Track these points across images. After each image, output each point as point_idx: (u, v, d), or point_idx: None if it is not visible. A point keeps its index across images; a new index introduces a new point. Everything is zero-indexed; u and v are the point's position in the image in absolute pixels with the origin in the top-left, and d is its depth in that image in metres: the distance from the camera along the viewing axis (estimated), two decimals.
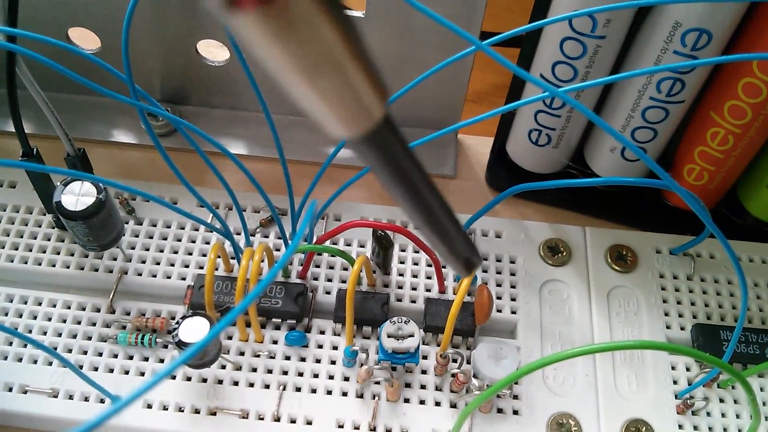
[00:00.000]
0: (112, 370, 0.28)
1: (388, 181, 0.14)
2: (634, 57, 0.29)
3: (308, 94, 0.12)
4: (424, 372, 0.28)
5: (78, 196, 0.26)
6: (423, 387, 0.28)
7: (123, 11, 0.24)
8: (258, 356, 0.28)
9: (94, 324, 0.29)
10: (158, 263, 0.31)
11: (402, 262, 0.31)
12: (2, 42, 0.23)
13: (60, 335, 0.29)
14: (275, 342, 0.29)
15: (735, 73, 0.28)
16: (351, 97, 0.12)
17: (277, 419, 0.27)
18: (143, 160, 0.36)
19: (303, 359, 0.28)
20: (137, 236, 0.31)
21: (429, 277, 0.31)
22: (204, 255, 0.31)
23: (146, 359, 0.28)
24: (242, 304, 0.15)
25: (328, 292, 0.30)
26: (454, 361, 0.28)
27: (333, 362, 0.28)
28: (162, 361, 0.28)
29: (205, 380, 0.28)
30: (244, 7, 0.10)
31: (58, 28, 0.34)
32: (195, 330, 0.25)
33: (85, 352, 0.28)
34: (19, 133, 0.27)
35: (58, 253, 0.31)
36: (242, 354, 0.28)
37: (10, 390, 0.27)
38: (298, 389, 0.28)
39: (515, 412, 0.28)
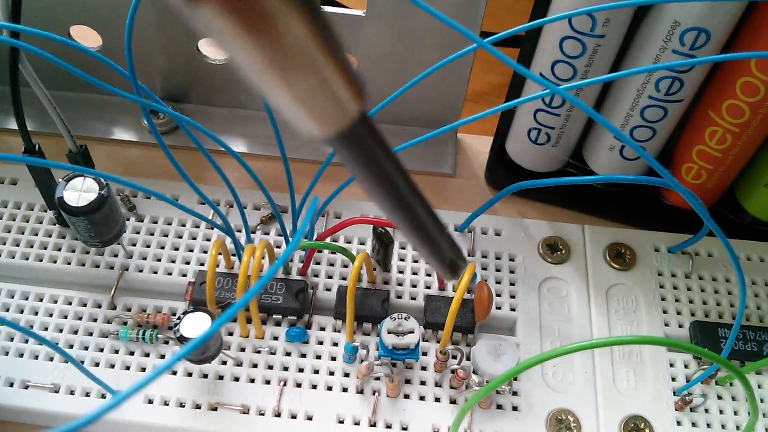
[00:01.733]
0: (113, 366, 0.28)
1: (367, 182, 0.14)
2: (633, 56, 0.29)
3: (280, 91, 0.11)
4: (423, 368, 0.29)
5: (80, 191, 0.26)
6: (423, 383, 0.28)
7: (125, 9, 0.24)
8: (259, 352, 0.29)
9: (95, 320, 0.29)
10: (159, 260, 0.31)
11: (402, 260, 0.31)
12: (6, 38, 0.23)
13: (61, 331, 0.29)
14: (276, 338, 0.29)
15: (733, 73, 0.28)
16: (325, 94, 0.11)
17: (278, 414, 0.27)
18: (143, 157, 0.36)
19: (303, 355, 0.29)
20: (138, 233, 0.31)
21: (429, 274, 0.31)
22: (205, 252, 0.31)
23: (147, 355, 0.28)
24: (244, 298, 0.16)
25: (328, 289, 0.30)
26: (454, 357, 0.29)
27: (333, 358, 0.29)
28: (163, 356, 0.28)
29: (206, 376, 0.28)
30: (207, 0, 0.09)
31: (60, 26, 0.34)
32: (197, 325, 0.25)
33: (87, 348, 0.29)
34: (22, 129, 0.27)
35: (59, 250, 0.31)
36: (243, 350, 0.29)
37: (12, 385, 0.27)
38: (299, 385, 0.28)
39: (514, 408, 0.28)
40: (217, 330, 0.26)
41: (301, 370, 0.28)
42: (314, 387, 0.28)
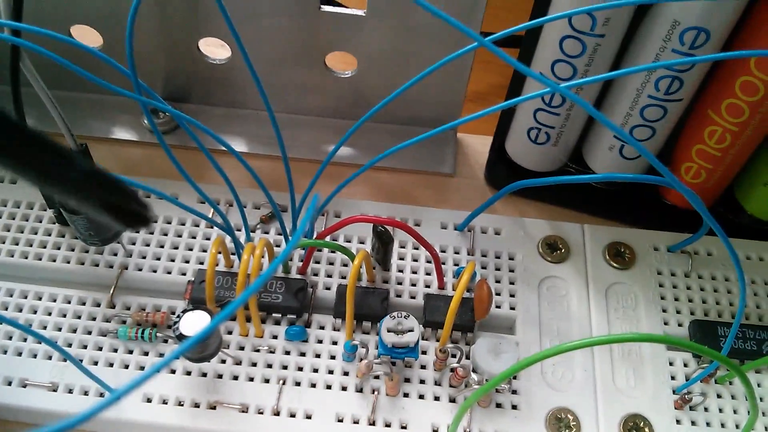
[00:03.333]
0: (111, 365, 0.28)
1: None
2: (633, 56, 0.29)
3: None
4: (423, 367, 0.29)
5: None
6: (422, 382, 0.28)
7: (126, 9, 0.24)
8: (258, 351, 0.28)
9: (94, 319, 0.29)
10: (158, 259, 0.31)
11: (401, 259, 0.31)
12: (8, 36, 0.23)
13: (60, 329, 0.29)
14: (275, 337, 0.29)
15: (733, 72, 0.28)
16: None
17: (277, 413, 0.27)
18: (143, 157, 0.36)
19: (303, 354, 0.29)
20: (137, 232, 0.31)
21: (428, 274, 0.31)
22: (204, 251, 0.31)
23: (146, 354, 0.28)
24: (244, 294, 0.15)
25: (327, 288, 0.30)
26: (453, 356, 0.28)
27: (333, 357, 0.29)
28: (162, 355, 0.28)
29: (204, 374, 0.28)
30: None
31: (60, 25, 0.34)
32: (196, 323, 0.25)
33: (85, 347, 0.28)
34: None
35: (59, 249, 0.31)
36: (242, 349, 0.29)
37: (10, 384, 0.27)
38: (298, 384, 0.28)
39: (514, 407, 0.28)
40: (217, 328, 0.26)
41: (300, 369, 0.28)
42: (313, 386, 0.28)
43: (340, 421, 0.27)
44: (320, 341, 0.29)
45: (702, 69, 0.29)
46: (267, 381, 0.28)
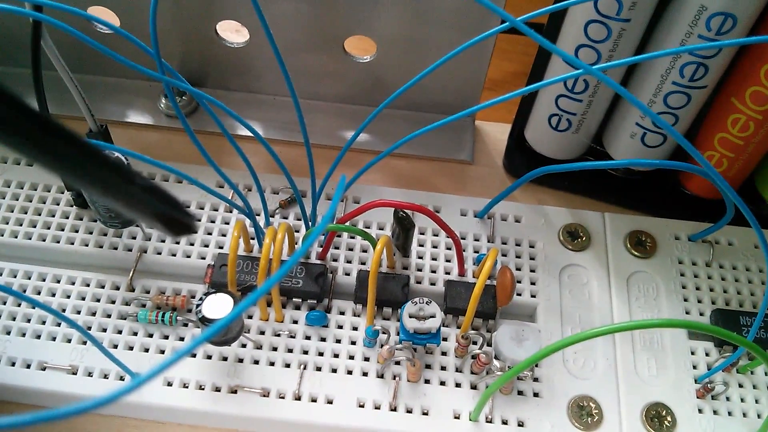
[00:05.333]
0: (131, 348, 0.28)
1: None
2: (659, 41, 0.29)
3: None
4: (444, 354, 0.28)
5: None
6: (443, 368, 0.28)
7: None
8: (278, 336, 0.28)
9: (113, 302, 0.29)
10: (178, 242, 0.30)
11: (422, 245, 0.31)
12: (30, 11, 0.23)
13: (79, 312, 0.29)
14: (295, 322, 0.29)
15: (758, 59, 0.28)
16: None
17: (298, 398, 0.27)
18: (160, 141, 0.36)
19: (323, 339, 0.28)
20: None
21: (448, 260, 0.31)
22: (223, 235, 0.31)
23: (166, 337, 0.28)
24: (272, 279, 0.15)
25: (347, 274, 0.30)
26: (475, 342, 0.28)
27: (353, 342, 0.28)
28: (182, 339, 0.28)
29: (225, 359, 0.28)
30: None
31: (79, 6, 0.33)
32: (218, 306, 0.25)
33: (105, 330, 0.28)
34: (41, 106, 0.26)
35: (77, 231, 0.31)
36: (263, 333, 0.28)
37: (29, 366, 0.27)
38: (319, 369, 0.28)
39: (536, 395, 0.28)
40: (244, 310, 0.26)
41: (321, 354, 0.28)
42: (334, 371, 0.28)
43: (362, 406, 0.27)
44: (341, 327, 0.29)
45: (727, 55, 0.28)
46: (288, 366, 0.28)
